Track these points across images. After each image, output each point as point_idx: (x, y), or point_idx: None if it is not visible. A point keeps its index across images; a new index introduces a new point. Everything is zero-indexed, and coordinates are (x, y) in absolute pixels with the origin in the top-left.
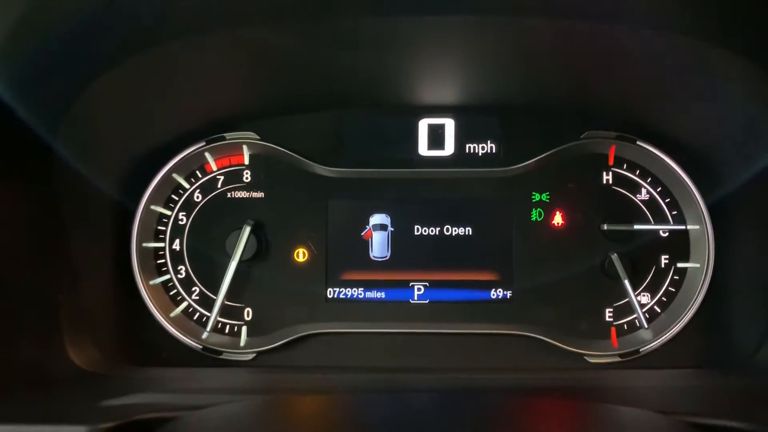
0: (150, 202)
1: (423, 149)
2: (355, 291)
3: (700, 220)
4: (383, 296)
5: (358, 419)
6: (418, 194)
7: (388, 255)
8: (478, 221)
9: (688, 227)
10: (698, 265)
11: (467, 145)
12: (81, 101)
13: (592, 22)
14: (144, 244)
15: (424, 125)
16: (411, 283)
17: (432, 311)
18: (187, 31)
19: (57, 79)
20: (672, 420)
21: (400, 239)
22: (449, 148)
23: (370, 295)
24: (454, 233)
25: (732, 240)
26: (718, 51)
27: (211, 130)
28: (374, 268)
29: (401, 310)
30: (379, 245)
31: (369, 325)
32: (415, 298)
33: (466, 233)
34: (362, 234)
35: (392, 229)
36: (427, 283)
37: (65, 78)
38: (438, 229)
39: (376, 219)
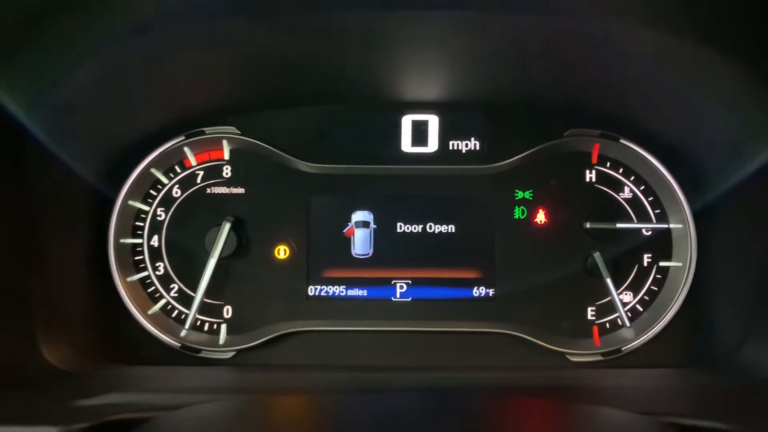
0: (128, 197)
1: (406, 146)
2: (336, 289)
3: (682, 219)
4: (365, 294)
5: (339, 420)
6: (401, 191)
7: (371, 252)
8: (461, 219)
9: (671, 226)
10: (680, 264)
11: (451, 142)
12: (58, 92)
13: (578, 20)
14: (121, 240)
15: (407, 121)
16: (393, 281)
17: (414, 309)
18: (168, 24)
19: (34, 68)
20: (652, 421)
21: (382, 236)
22: (433, 145)
23: (351, 292)
24: (436, 231)
25: (714, 239)
26: (706, 51)
27: (191, 124)
28: (356, 265)
29: (383, 308)
30: (361, 242)
31: (350, 323)
32: (397, 295)
33: (449, 231)
34: (344, 231)
35: (375, 227)
36: (409, 281)
37: (42, 67)
38: (421, 226)
39: (359, 216)
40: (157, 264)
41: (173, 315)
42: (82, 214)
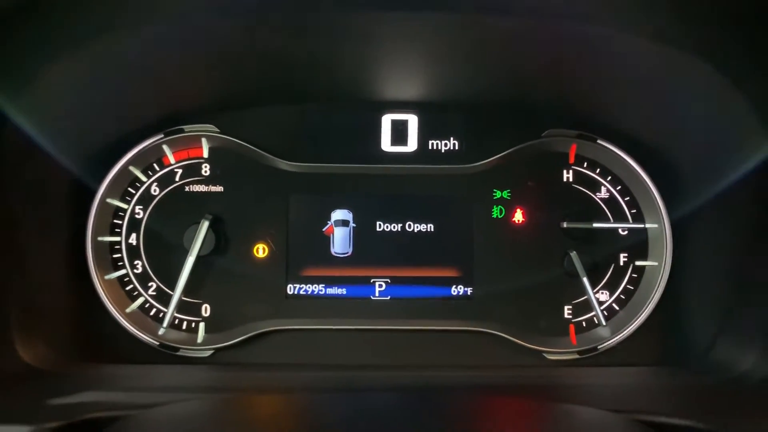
0: (106, 195)
1: (386, 145)
2: (315, 287)
3: (658, 219)
4: (344, 293)
5: (317, 419)
6: (381, 190)
7: (350, 251)
8: (440, 218)
9: (647, 226)
10: (656, 264)
11: (430, 142)
12: (35, 90)
13: (557, 23)
14: (99, 238)
15: (387, 121)
16: (372, 280)
17: (393, 308)
18: (147, 23)
19: (11, 63)
20: (626, 419)
21: (361, 235)
22: (412, 144)
23: (330, 291)
24: (416, 230)
25: (690, 239)
26: (681, 55)
27: (170, 122)
28: (335, 264)
29: (362, 306)
30: (340, 241)
31: (329, 322)
32: (377, 294)
33: (428, 230)
34: (324, 230)
35: (354, 225)
36: (388, 280)
37: (19, 63)
38: (400, 225)
39: (338, 215)
40: (135, 262)
41: (151, 313)
42: (59, 212)
